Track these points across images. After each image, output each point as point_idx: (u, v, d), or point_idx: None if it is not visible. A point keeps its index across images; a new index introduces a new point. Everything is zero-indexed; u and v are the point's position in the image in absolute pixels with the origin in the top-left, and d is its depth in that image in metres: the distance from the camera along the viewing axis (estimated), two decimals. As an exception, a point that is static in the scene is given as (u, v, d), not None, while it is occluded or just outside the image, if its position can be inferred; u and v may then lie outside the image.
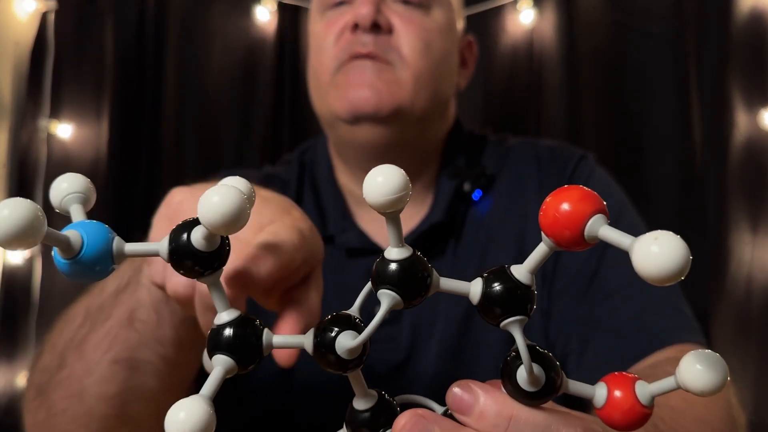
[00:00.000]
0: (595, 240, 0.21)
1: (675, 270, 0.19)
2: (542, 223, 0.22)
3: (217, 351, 0.24)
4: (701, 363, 0.22)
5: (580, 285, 0.63)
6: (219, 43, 1.43)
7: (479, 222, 0.67)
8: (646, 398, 0.24)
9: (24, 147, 1.36)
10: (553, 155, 0.71)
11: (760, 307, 1.23)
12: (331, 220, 0.69)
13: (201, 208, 0.21)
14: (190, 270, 0.24)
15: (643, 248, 0.19)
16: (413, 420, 0.24)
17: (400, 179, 0.22)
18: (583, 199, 0.21)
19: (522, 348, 0.23)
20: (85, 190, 0.25)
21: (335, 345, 0.23)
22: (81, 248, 0.22)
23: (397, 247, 0.23)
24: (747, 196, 1.25)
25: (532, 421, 0.24)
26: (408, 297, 0.23)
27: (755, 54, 1.27)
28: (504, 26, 1.41)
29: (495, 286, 0.23)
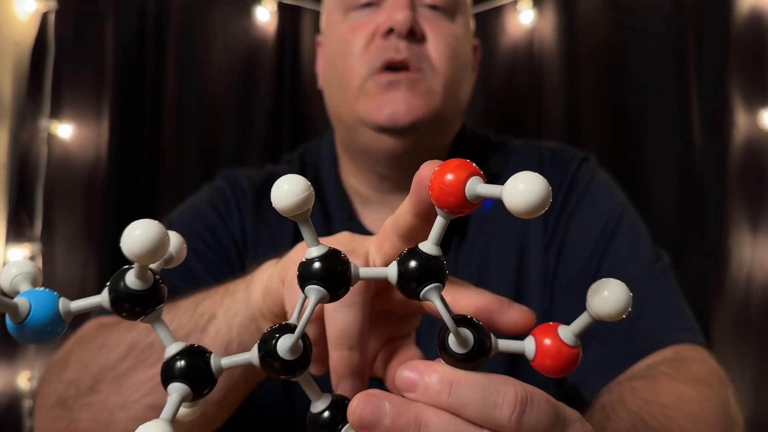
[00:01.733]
0: (477, 200, 0.24)
1: (538, 202, 0.22)
2: (433, 197, 0.25)
3: (172, 380, 0.25)
4: (606, 289, 0.25)
5: (580, 285, 0.63)
6: (219, 43, 1.43)
7: (482, 220, 0.67)
8: (570, 338, 0.26)
9: (24, 147, 1.36)
10: (556, 156, 0.71)
11: (759, 307, 1.23)
12: (336, 220, 0.69)
13: (124, 242, 0.23)
14: (130, 312, 0.25)
15: (511, 187, 0.23)
16: (365, 400, 0.26)
17: (302, 183, 0.25)
18: (459, 167, 0.24)
19: (443, 312, 0.25)
20: (32, 270, 0.27)
21: (277, 350, 0.25)
22: (29, 312, 0.24)
23: (313, 245, 0.26)
24: (747, 196, 1.25)
25: (472, 383, 0.26)
26: (332, 289, 0.25)
27: (755, 54, 1.27)
28: (504, 26, 1.42)
29: (409, 264, 0.25)
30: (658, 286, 0.62)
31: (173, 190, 1.38)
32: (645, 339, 0.57)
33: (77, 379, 0.47)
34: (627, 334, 0.59)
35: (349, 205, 0.70)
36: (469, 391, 0.25)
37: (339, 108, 0.68)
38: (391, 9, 0.63)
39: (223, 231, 0.68)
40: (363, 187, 0.70)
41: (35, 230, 1.36)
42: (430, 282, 0.25)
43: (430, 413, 0.25)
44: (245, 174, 0.74)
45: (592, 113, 1.36)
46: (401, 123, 0.62)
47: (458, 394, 0.25)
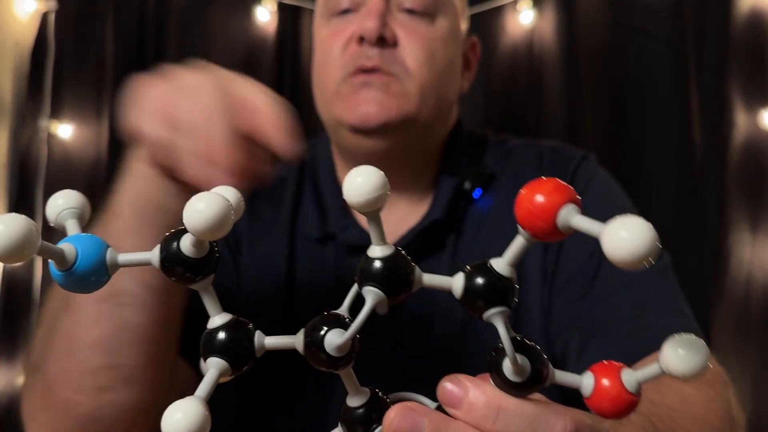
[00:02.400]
0: (569, 230, 0.22)
1: (643, 253, 0.20)
2: (517, 216, 0.23)
3: (211, 354, 0.24)
4: (683, 347, 0.23)
5: (581, 284, 0.63)
6: (219, 43, 1.43)
7: (480, 220, 0.67)
8: (632, 385, 0.24)
9: (24, 147, 1.36)
10: (555, 155, 0.71)
11: (759, 307, 1.23)
12: (332, 217, 0.69)
13: (186, 216, 0.21)
14: (181, 277, 0.24)
15: (612, 234, 0.20)
16: (402, 412, 0.25)
17: (379, 179, 0.23)
18: (555, 190, 0.22)
19: (504, 338, 0.24)
20: (80, 206, 0.26)
21: (324, 343, 0.24)
22: (75, 260, 0.23)
23: (379, 245, 0.24)
24: (747, 196, 1.25)
25: (521, 412, 0.25)
26: (392, 293, 0.24)
27: (755, 54, 1.27)
28: (504, 26, 1.42)
29: (476, 280, 0.24)
30: (658, 285, 0.62)
31: (173, 190, 1.38)
32: (646, 338, 0.57)
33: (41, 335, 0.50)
34: (627, 334, 0.59)
35: (344, 202, 0.71)
36: (517, 420, 0.24)
37: (321, 110, 0.70)
38: (362, 17, 0.64)
39: None
40: None
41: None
42: (497, 305, 0.24)
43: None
44: None
45: (592, 113, 1.36)
46: (372, 123, 0.62)
47: (505, 421, 0.24)
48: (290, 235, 0.69)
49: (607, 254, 0.20)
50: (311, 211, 0.70)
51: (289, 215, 0.70)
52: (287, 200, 0.71)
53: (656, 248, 0.20)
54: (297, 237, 0.69)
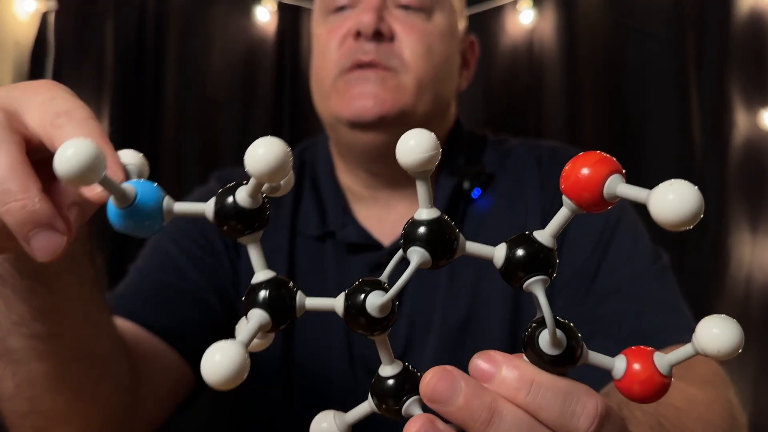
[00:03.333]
0: (615, 198, 0.23)
1: (690, 214, 0.20)
2: (564, 187, 0.24)
3: (254, 307, 0.25)
4: (717, 326, 0.23)
5: (581, 283, 0.63)
6: (219, 43, 1.43)
7: (479, 220, 0.67)
8: (665, 368, 0.25)
9: (24, 147, 1.36)
10: (554, 155, 0.71)
11: (759, 307, 1.23)
12: (331, 216, 0.69)
13: (248, 160, 0.22)
14: (233, 229, 0.25)
15: (660, 196, 0.21)
16: (440, 374, 0.25)
17: (431, 140, 0.24)
18: (601, 161, 0.23)
19: (545, 307, 0.24)
20: (139, 164, 0.28)
21: (366, 304, 0.24)
22: (133, 200, 0.24)
23: (426, 207, 0.25)
24: (747, 196, 1.25)
25: (554, 387, 0.25)
26: (436, 256, 0.24)
27: (755, 54, 1.27)
28: (504, 26, 1.41)
29: (518, 250, 0.24)
30: (658, 285, 0.62)
31: (173, 190, 1.37)
32: (645, 338, 0.58)
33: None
34: (627, 334, 0.59)
35: (344, 200, 0.71)
36: (550, 395, 0.25)
37: (319, 107, 0.70)
38: (359, 12, 0.64)
39: (212, 229, 0.68)
40: (355, 184, 0.71)
41: (35, 230, 1.36)
42: (537, 273, 0.24)
43: (505, 404, 0.25)
44: (239, 173, 0.75)
45: (592, 113, 1.36)
46: (368, 117, 0.63)
47: (537, 395, 0.24)
48: (290, 234, 0.70)
49: (654, 217, 0.21)
50: (311, 209, 0.70)
51: (289, 214, 0.70)
52: (287, 199, 0.71)
53: (701, 211, 0.21)
54: (297, 235, 0.70)
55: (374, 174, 0.70)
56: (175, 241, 0.66)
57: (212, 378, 0.22)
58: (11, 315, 0.41)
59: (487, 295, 0.64)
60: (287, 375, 0.66)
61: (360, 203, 0.71)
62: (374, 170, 0.70)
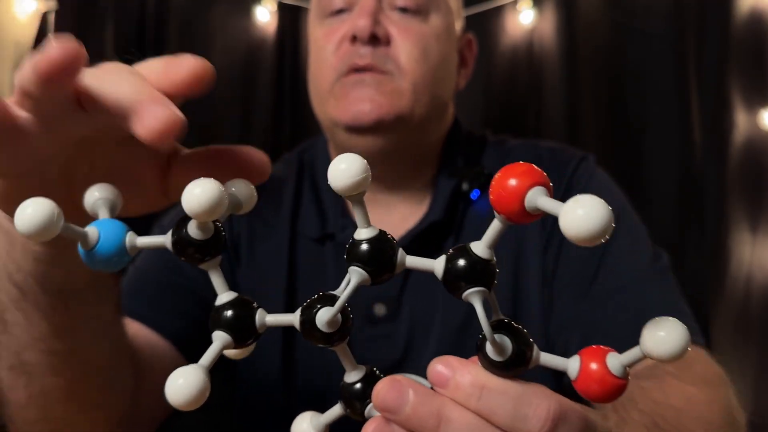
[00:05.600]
0: (536, 211, 0.23)
1: (598, 230, 0.21)
2: (491, 200, 0.24)
3: (217, 328, 0.26)
4: (663, 329, 0.23)
5: (580, 285, 0.63)
6: (219, 43, 1.43)
7: (478, 221, 0.67)
8: (617, 369, 0.25)
9: (24, 147, 1.36)
10: (554, 156, 0.71)
11: (759, 307, 1.23)
12: (331, 218, 0.69)
13: (183, 200, 0.24)
14: (191, 257, 0.27)
15: (569, 212, 0.21)
16: (390, 384, 0.26)
17: (360, 164, 0.25)
18: (524, 174, 0.23)
19: (481, 317, 0.24)
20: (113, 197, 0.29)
21: (316, 320, 0.26)
22: (97, 242, 0.26)
23: (364, 227, 0.26)
24: (746, 196, 1.25)
25: (505, 391, 0.25)
26: (375, 273, 0.25)
27: (755, 54, 1.27)
28: (504, 26, 1.42)
29: (457, 262, 0.25)
30: (658, 285, 0.62)
31: (173, 190, 1.38)
32: None
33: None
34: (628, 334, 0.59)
35: (343, 202, 0.71)
36: (500, 399, 0.25)
37: (317, 111, 0.70)
38: (355, 16, 0.64)
39: None
40: None
41: (35, 230, 1.36)
42: (475, 285, 0.25)
43: (453, 409, 0.25)
44: None
45: (592, 113, 1.36)
46: (365, 121, 0.63)
47: (488, 399, 0.25)
48: (290, 235, 0.70)
49: (564, 231, 0.21)
50: (310, 211, 0.70)
51: (289, 215, 0.70)
52: (287, 200, 0.71)
53: (610, 226, 0.21)
54: (297, 237, 0.70)
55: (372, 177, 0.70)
56: None
57: (175, 400, 0.24)
58: (31, 330, 0.41)
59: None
60: (288, 378, 0.67)
61: None
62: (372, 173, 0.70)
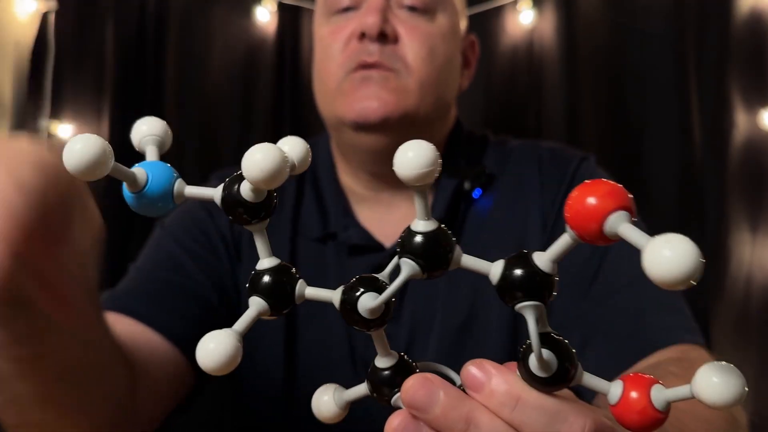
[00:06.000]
0: (615, 237, 0.21)
1: (685, 275, 0.19)
2: (567, 215, 0.22)
3: (255, 293, 0.25)
4: (717, 375, 0.22)
5: (581, 283, 0.63)
6: (219, 43, 1.43)
7: (480, 220, 0.67)
8: (660, 403, 0.24)
9: (24, 147, 1.36)
10: (555, 157, 0.71)
11: (759, 307, 1.23)
12: (333, 217, 0.69)
13: (244, 166, 0.23)
14: (239, 217, 0.26)
15: (655, 251, 0.19)
16: (420, 382, 0.25)
17: (431, 154, 0.23)
18: (608, 194, 0.21)
19: (533, 333, 0.24)
20: (161, 134, 0.28)
21: (358, 304, 0.25)
22: (145, 184, 0.25)
23: (423, 219, 0.25)
24: (747, 196, 1.25)
25: (540, 406, 0.25)
26: (428, 268, 0.24)
27: (755, 54, 1.27)
28: (504, 26, 1.41)
29: (515, 271, 0.24)
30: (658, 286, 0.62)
31: (173, 190, 1.38)
32: (646, 338, 0.58)
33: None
34: (628, 334, 0.59)
35: (345, 202, 0.71)
36: (534, 413, 0.24)
37: (322, 109, 0.70)
38: (363, 13, 0.64)
39: (212, 229, 0.69)
40: (356, 185, 0.71)
41: (35, 230, 1.36)
42: (532, 299, 0.24)
43: (483, 415, 0.25)
44: None
45: (592, 113, 1.36)
46: (372, 118, 0.63)
47: (522, 412, 0.24)
48: (292, 235, 0.70)
49: (646, 271, 0.20)
50: (312, 210, 0.70)
51: (290, 215, 0.70)
52: (288, 200, 0.71)
53: (700, 270, 0.19)
54: (298, 237, 0.70)
55: (376, 175, 0.70)
56: (177, 239, 0.66)
57: (206, 364, 0.23)
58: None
59: (488, 297, 0.64)
60: (289, 377, 0.66)
61: (361, 204, 0.71)
62: (376, 172, 0.70)
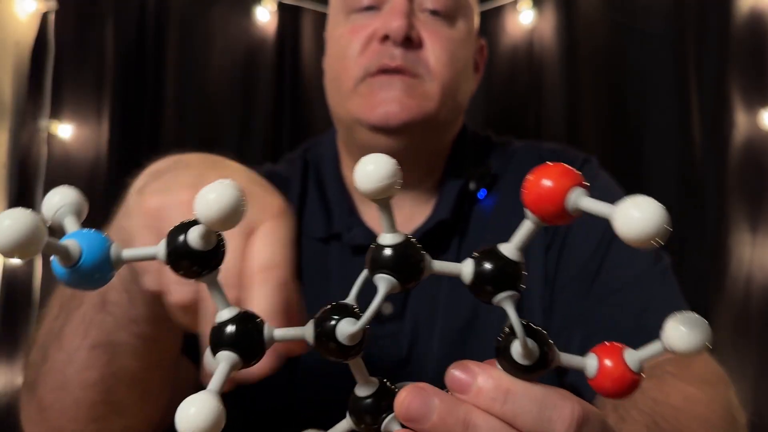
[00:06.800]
0: (578, 212, 0.23)
1: (654, 232, 0.20)
2: (526, 201, 0.23)
3: (221, 347, 0.24)
4: (685, 325, 0.23)
5: (582, 283, 0.63)
6: (219, 43, 1.43)
7: (484, 220, 0.67)
8: (635, 364, 0.25)
9: (24, 147, 1.36)
10: (557, 158, 0.71)
11: (759, 307, 1.23)
12: (337, 217, 0.69)
13: (197, 207, 0.21)
14: (188, 270, 0.24)
15: (624, 213, 0.21)
16: (414, 392, 0.25)
17: (390, 167, 0.23)
18: (563, 174, 0.23)
19: (515, 322, 0.24)
20: (77, 202, 0.26)
21: (336, 333, 0.24)
22: (80, 257, 0.23)
23: (390, 233, 0.24)
24: (746, 196, 1.25)
25: (530, 395, 0.25)
26: (404, 280, 0.24)
27: (755, 54, 1.27)
28: (504, 26, 1.42)
29: (485, 265, 0.24)
30: (659, 286, 0.62)
31: (173, 190, 1.38)
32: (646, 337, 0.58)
33: (34, 359, 0.48)
34: (629, 333, 0.59)
35: (350, 200, 0.71)
36: (525, 402, 0.25)
37: (336, 107, 0.69)
38: (388, 15, 0.64)
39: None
40: None
41: (35, 230, 1.36)
42: (507, 290, 0.24)
43: (479, 416, 0.25)
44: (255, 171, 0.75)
45: (592, 113, 1.36)
46: (394, 123, 0.62)
47: (513, 403, 0.25)
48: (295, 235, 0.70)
49: (619, 233, 0.21)
50: (316, 210, 0.70)
51: (294, 214, 0.70)
52: (292, 199, 0.71)
53: (667, 227, 0.21)
54: (302, 236, 0.69)
55: None
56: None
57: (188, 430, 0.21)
58: (130, 312, 0.43)
59: None
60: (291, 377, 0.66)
61: (366, 203, 0.71)
62: None
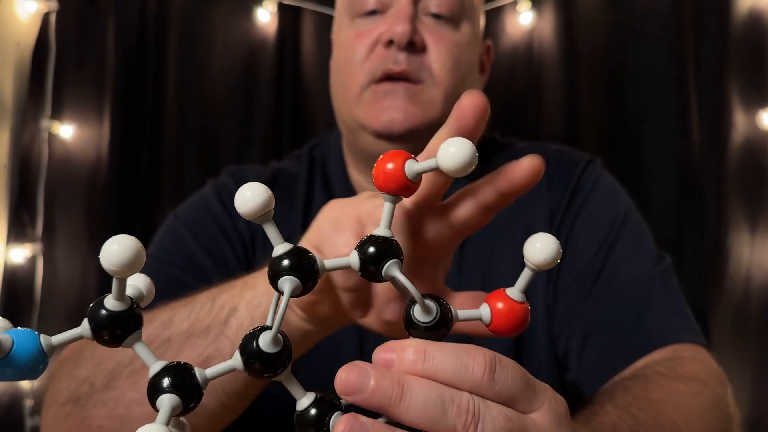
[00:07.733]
0: (417, 177, 0.27)
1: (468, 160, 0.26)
2: (378, 186, 0.28)
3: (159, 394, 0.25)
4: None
5: (584, 283, 0.63)
6: (220, 44, 1.43)
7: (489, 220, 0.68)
8: (517, 296, 0.29)
9: (25, 147, 1.37)
10: (562, 159, 0.72)
11: (758, 307, 1.23)
12: None
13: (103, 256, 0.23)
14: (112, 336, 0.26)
15: (444, 152, 0.26)
16: (349, 367, 0.27)
17: (263, 190, 0.26)
18: (394, 155, 0.28)
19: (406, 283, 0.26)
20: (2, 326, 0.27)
21: (260, 346, 0.25)
22: (11, 348, 0.24)
23: (279, 244, 0.27)
24: (745, 196, 1.26)
25: (444, 350, 0.27)
26: (304, 279, 0.26)
27: (754, 54, 1.28)
28: (503, 27, 1.42)
29: (368, 249, 0.27)
30: (660, 286, 0.62)
31: (174, 190, 1.39)
32: (646, 338, 0.58)
33: (91, 376, 0.48)
34: (629, 333, 0.59)
35: None
36: (442, 356, 0.27)
37: (341, 110, 0.69)
38: (392, 20, 0.64)
39: (230, 226, 0.69)
40: (367, 183, 0.72)
41: (36, 230, 1.36)
42: (388, 259, 0.27)
43: (411, 377, 0.27)
44: (251, 170, 0.75)
45: (592, 114, 1.36)
46: (398, 130, 0.63)
47: (432, 359, 0.27)
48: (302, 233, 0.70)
49: (443, 168, 0.26)
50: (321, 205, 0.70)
51: (301, 213, 0.70)
52: (299, 197, 0.71)
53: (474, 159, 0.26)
54: None
55: None
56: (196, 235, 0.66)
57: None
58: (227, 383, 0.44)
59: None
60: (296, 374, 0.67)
61: None
62: None
